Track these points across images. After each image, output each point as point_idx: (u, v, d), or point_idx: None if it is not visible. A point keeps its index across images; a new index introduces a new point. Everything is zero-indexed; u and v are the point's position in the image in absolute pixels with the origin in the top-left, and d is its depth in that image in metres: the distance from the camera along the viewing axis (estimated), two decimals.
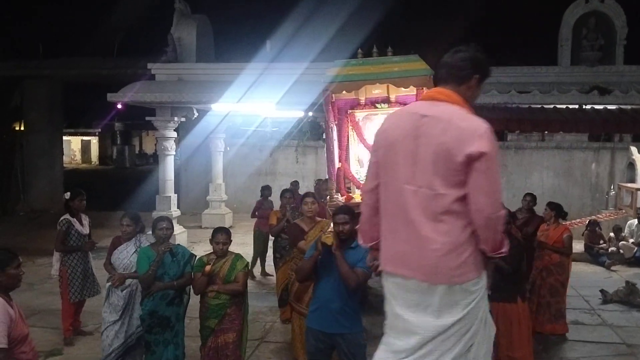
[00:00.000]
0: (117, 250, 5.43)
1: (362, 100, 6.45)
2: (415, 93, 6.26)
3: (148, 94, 11.20)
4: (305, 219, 5.79)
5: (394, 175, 2.70)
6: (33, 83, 17.14)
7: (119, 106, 12.86)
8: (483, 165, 2.51)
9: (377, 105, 6.48)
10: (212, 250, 5.05)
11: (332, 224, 4.62)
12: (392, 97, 6.40)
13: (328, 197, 6.36)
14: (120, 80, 12.71)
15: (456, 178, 2.53)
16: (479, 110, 9.25)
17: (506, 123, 9.99)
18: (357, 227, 3.32)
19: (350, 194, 6.17)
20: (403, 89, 6.13)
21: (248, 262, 5.27)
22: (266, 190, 10.03)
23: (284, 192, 8.06)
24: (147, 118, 12.07)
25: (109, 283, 5.34)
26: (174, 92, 11.20)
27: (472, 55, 2.79)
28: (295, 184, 10.57)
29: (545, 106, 10.20)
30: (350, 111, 6.43)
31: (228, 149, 15.82)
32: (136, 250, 5.24)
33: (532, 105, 10.24)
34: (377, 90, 6.42)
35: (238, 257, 5.11)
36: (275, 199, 16.32)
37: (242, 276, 4.97)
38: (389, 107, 6.39)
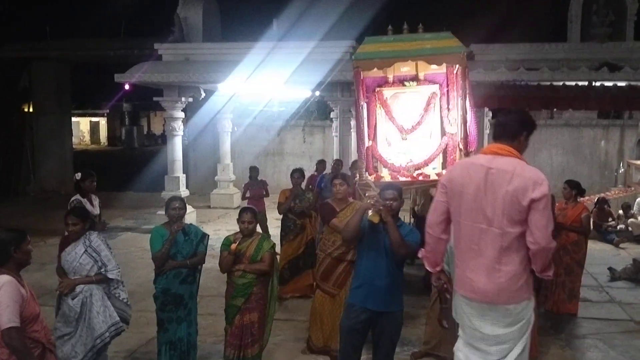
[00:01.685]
0: (64, 252, 4.78)
1: (390, 78, 6.35)
2: (444, 71, 6.18)
3: (155, 75, 11.20)
4: (336, 200, 5.66)
5: (467, 215, 3.28)
6: (41, 64, 17.16)
7: (127, 87, 12.82)
8: (541, 206, 3.11)
9: (405, 83, 6.38)
10: (237, 230, 5.10)
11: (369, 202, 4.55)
12: (421, 75, 6.30)
13: (358, 176, 6.30)
14: (127, 61, 12.70)
15: (519, 217, 3.14)
16: (488, 88, 9.21)
17: (515, 101, 9.92)
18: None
19: (379, 173, 6.12)
20: (432, 66, 6.06)
21: (275, 243, 5.30)
22: (253, 172, 10.11)
23: (293, 172, 8.12)
24: (155, 98, 12.09)
25: (58, 291, 4.76)
26: (181, 73, 11.19)
27: (520, 116, 3.46)
28: (321, 162, 10.49)
29: (555, 83, 10.12)
30: (378, 89, 6.33)
31: (235, 129, 15.83)
32: (86, 250, 4.64)
33: (541, 83, 10.16)
34: (406, 68, 6.30)
35: (264, 237, 5.18)
36: (279, 179, 16.36)
37: (268, 256, 5.01)
38: (417, 84, 6.31)
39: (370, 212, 4.27)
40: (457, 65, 6.01)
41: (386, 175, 6.00)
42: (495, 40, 11.72)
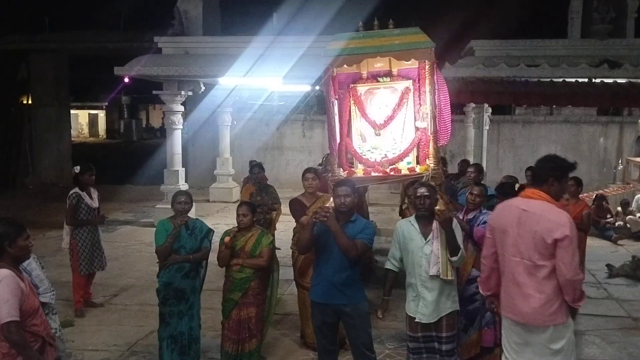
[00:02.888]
0: None
1: (364, 74, 6.36)
2: (417, 66, 6.21)
3: (155, 68, 11.17)
4: (307, 194, 5.81)
5: (507, 249, 3.82)
6: (39, 57, 17.10)
7: (126, 80, 12.80)
8: (564, 244, 3.59)
9: (379, 79, 6.39)
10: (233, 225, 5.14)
11: (332, 198, 4.65)
12: (395, 71, 6.32)
13: (330, 172, 6.36)
14: (126, 54, 12.66)
15: (547, 252, 3.63)
16: (488, 84, 9.22)
17: (515, 97, 9.92)
18: (357, 200, 4.06)
19: (353, 169, 6.16)
20: (405, 62, 6.08)
21: (273, 239, 5.33)
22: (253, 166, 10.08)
23: (252, 167, 8.15)
24: (154, 92, 12.06)
25: None
26: (180, 66, 11.16)
27: (549, 162, 3.88)
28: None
29: (555, 80, 10.11)
30: (352, 85, 6.35)
31: (235, 123, 15.80)
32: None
33: (541, 79, 10.15)
34: (379, 64, 6.32)
35: (264, 233, 5.20)
36: (278, 173, 16.36)
37: (266, 252, 5.04)
38: (391, 80, 6.33)
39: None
40: (427, 61, 6.04)
41: (359, 171, 6.05)
42: (495, 36, 11.70)
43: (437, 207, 4.40)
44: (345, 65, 6.03)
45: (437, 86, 5.99)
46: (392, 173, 5.94)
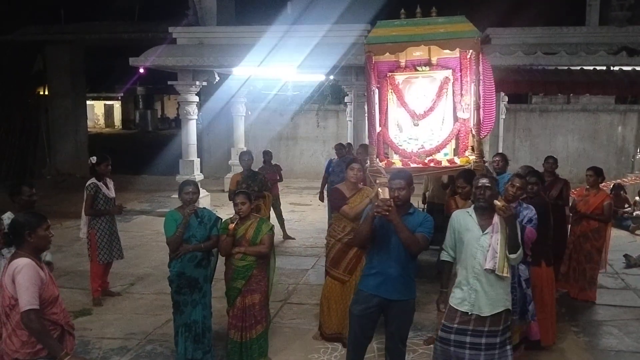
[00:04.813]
0: None
1: (403, 62, 6.26)
2: (458, 56, 6.09)
3: (169, 58, 11.20)
4: (348, 184, 5.60)
5: None
6: (55, 48, 17.22)
7: (141, 70, 12.85)
8: None
9: (418, 67, 6.29)
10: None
11: (379, 191, 4.51)
12: (434, 60, 6.20)
13: (368, 162, 6.27)
14: (141, 44, 12.70)
15: None
16: (505, 72, 9.11)
17: (532, 85, 9.83)
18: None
19: (390, 159, 6.05)
20: (445, 51, 5.97)
21: (273, 226, 5.33)
22: (267, 156, 10.14)
23: (242, 154, 8.19)
24: (169, 82, 12.10)
25: None
26: (195, 56, 11.17)
27: None
28: (348, 145, 10.25)
29: (572, 68, 9.99)
30: (390, 74, 6.25)
31: (249, 113, 15.82)
32: None
33: (559, 67, 10.03)
34: (418, 53, 6.20)
35: (263, 220, 5.21)
36: (293, 163, 16.36)
37: (267, 239, 5.05)
38: (430, 69, 6.23)
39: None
40: (471, 50, 5.92)
41: (397, 162, 5.94)
42: (512, 24, 11.56)
43: (501, 203, 4.15)
44: (387, 53, 5.91)
45: (481, 76, 5.85)
46: (431, 164, 5.85)
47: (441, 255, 4.53)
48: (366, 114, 11.11)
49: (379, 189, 5.40)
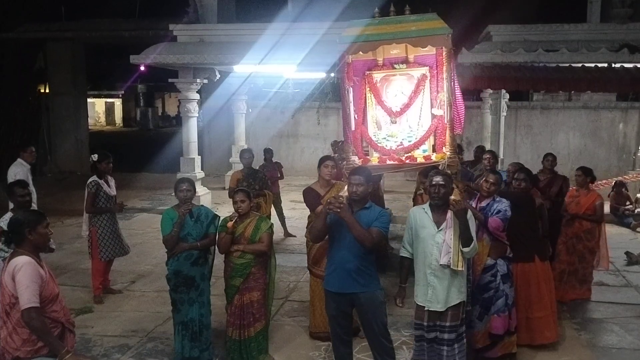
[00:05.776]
0: None
1: (380, 61, 6.29)
2: (434, 53, 6.12)
3: (170, 56, 11.19)
4: (322, 182, 5.73)
5: None
6: (56, 45, 17.22)
7: (142, 68, 12.84)
8: None
9: (396, 65, 6.32)
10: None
11: (346, 187, 4.61)
12: (411, 57, 6.23)
13: (345, 160, 6.31)
14: (142, 42, 12.70)
15: None
16: (505, 70, 9.08)
17: (533, 83, 9.78)
18: (372, 189, 3.88)
19: (368, 157, 6.10)
20: (422, 49, 6.00)
21: (272, 224, 5.33)
22: (268, 154, 10.14)
23: (243, 152, 8.18)
24: (170, 80, 12.10)
25: None
26: (195, 54, 11.17)
27: None
28: (334, 143, 10.29)
29: (574, 65, 9.95)
30: (368, 72, 6.28)
31: (250, 110, 15.81)
32: None
33: (560, 64, 10.00)
34: (396, 51, 6.24)
35: (263, 218, 5.22)
36: (294, 161, 16.36)
37: (266, 237, 5.06)
38: (407, 67, 6.26)
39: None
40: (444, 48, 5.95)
41: (374, 159, 5.99)
42: (513, 21, 11.53)
43: (453, 197, 4.34)
44: (360, 52, 5.96)
45: (454, 72, 5.91)
46: (407, 161, 5.89)
47: (400, 251, 4.64)
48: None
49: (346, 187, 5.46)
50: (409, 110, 6.09)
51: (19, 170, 7.88)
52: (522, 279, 5.46)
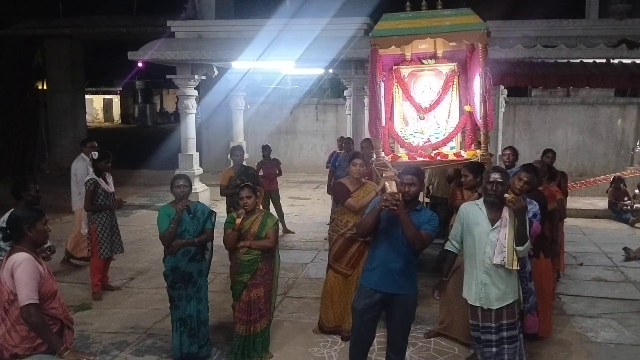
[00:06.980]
0: None
1: (408, 55, 6.20)
2: (464, 48, 6.03)
3: (168, 52, 11.17)
4: (351, 179, 5.59)
5: None
6: (54, 42, 17.20)
7: (140, 64, 12.83)
8: None
9: (424, 61, 6.24)
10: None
11: (386, 184, 4.47)
12: (439, 53, 6.15)
13: (374, 156, 6.21)
14: (140, 39, 12.67)
15: None
16: (505, 65, 9.06)
17: (531, 78, 9.79)
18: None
19: (395, 153, 6.01)
20: (451, 43, 5.91)
21: (278, 220, 5.32)
22: (266, 150, 10.03)
23: (234, 149, 8.10)
24: (168, 76, 12.08)
25: None
26: (193, 50, 11.15)
27: None
28: (347, 140, 10.01)
29: (572, 61, 9.96)
30: (395, 67, 6.19)
31: (248, 107, 15.78)
32: None
33: (558, 60, 10.00)
34: (424, 45, 6.13)
35: (268, 214, 5.22)
36: (292, 157, 16.30)
37: (272, 233, 5.05)
38: (435, 62, 6.18)
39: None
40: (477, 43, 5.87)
41: (403, 155, 5.90)
42: (511, 17, 11.53)
43: (510, 195, 4.17)
44: (393, 47, 5.85)
45: (487, 68, 5.81)
46: (438, 158, 5.82)
47: (446, 245, 4.55)
48: (366, 108, 11.15)
49: (386, 183, 5.39)
50: (438, 106, 6.02)
51: (79, 165, 7.92)
52: None
